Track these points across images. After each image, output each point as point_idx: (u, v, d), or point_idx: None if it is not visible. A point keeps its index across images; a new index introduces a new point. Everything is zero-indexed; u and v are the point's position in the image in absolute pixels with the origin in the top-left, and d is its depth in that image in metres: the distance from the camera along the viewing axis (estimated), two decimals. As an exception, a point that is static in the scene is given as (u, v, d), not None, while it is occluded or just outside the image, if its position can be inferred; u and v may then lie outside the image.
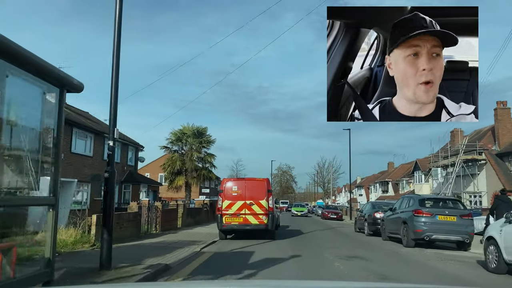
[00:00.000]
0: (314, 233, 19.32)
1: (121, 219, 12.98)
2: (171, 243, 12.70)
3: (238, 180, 15.28)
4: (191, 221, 22.40)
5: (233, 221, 14.33)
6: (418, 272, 8.88)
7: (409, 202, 14.36)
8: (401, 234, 14.18)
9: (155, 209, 16.72)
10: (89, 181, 25.06)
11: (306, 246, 13.06)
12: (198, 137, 26.85)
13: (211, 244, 13.30)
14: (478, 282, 8.04)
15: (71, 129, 22.78)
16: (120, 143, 29.00)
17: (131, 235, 13.77)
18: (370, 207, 19.62)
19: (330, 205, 51.75)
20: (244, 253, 10.96)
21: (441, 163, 33.98)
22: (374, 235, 18.26)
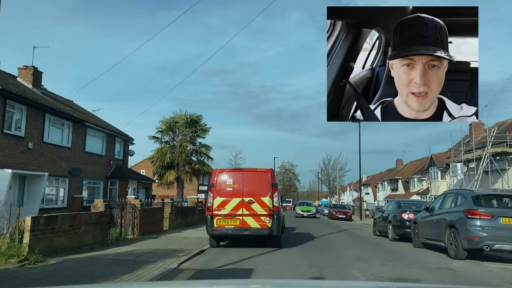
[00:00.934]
0: (327, 238, 16.01)
1: (77, 221, 9.72)
2: (142, 254, 9.44)
3: (234, 172, 11.91)
4: (182, 222, 19.13)
5: (227, 224, 11.03)
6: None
7: (457, 200, 11.03)
8: (445, 241, 10.88)
9: (132, 208, 13.47)
10: (67, 176, 21.83)
11: (324, 259, 9.77)
12: (191, 126, 23.44)
13: (198, 255, 10.04)
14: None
15: (43, 115, 19.52)
16: (105, 134, 25.80)
17: (94, 241, 10.52)
18: (395, 207, 16.29)
19: (337, 204, 47.76)
20: (239, 271, 7.68)
21: (464, 158, 30.57)
22: (401, 240, 15.01)
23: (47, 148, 19.90)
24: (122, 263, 8.17)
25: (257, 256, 9.75)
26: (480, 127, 37.07)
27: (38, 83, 22.84)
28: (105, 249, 10.13)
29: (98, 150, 25.28)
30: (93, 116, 27.69)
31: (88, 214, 10.34)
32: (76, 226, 9.68)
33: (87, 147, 23.79)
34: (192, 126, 23.45)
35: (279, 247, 11.43)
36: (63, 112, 21.20)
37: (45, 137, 19.69)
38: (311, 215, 37.00)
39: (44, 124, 19.66)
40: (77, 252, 9.37)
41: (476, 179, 27.41)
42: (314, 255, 10.38)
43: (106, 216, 11.31)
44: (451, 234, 10.57)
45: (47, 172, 18.85)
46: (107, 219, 11.38)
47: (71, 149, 22.11)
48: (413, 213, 14.85)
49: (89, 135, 24.14)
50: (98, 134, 25.29)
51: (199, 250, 10.54)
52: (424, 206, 13.70)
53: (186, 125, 23.42)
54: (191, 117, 23.56)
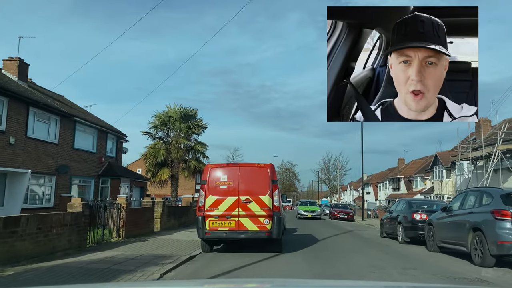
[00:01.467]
0: (332, 241, 14.72)
1: (47, 223, 8.41)
2: (122, 261, 8.15)
3: (228, 167, 10.59)
4: (175, 223, 17.84)
5: (220, 226, 9.73)
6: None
7: (482, 199, 9.74)
8: (468, 246, 9.60)
9: (118, 207, 12.17)
10: (54, 173, 20.51)
11: (332, 267, 8.48)
12: (186, 120, 22.07)
13: (186, 262, 8.75)
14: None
15: (27, 108, 18.19)
16: (96, 130, 24.48)
17: (69, 246, 9.23)
18: (406, 207, 14.99)
19: (339, 204, 46.36)
20: (233, 284, 6.39)
21: (472, 155, 29.27)
22: (412, 243, 13.73)
23: (31, 144, 18.55)
24: (93, 273, 6.87)
25: (255, 263, 8.46)
26: (487, 125, 35.90)
27: (24, 76, 21.54)
28: (81, 255, 8.83)
29: (89, 146, 23.96)
30: (83, 111, 26.36)
31: (61, 215, 9.02)
32: (46, 229, 8.38)
33: (77, 143, 22.46)
34: (187, 121, 22.09)
35: (280, 252, 10.15)
36: (49, 105, 19.83)
37: (29, 131, 18.33)
38: (316, 216, 32.20)
39: (28, 118, 18.30)
40: (46, 259, 8.08)
41: (486, 177, 26.10)
42: (320, 262, 9.08)
43: (84, 217, 10.01)
44: (475, 238, 9.28)
45: (30, 169, 17.57)
46: (86, 220, 10.08)
47: (59, 145, 20.76)
48: (425, 214, 13.58)
49: (79, 130, 22.81)
50: (89, 130, 23.96)
51: (188, 256, 9.25)
52: (441, 206, 12.39)
53: (180, 120, 22.07)
54: (186, 111, 22.21)
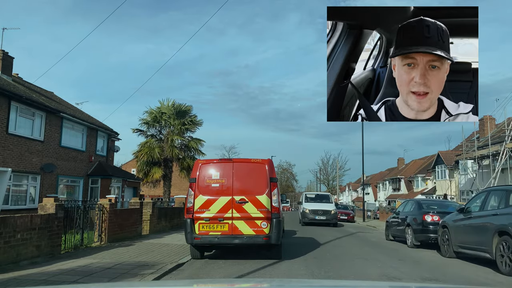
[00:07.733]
0: (335, 245, 13.56)
1: (8, 226, 7.21)
2: (95, 272, 6.96)
3: (221, 163, 9.28)
4: (166, 225, 16.66)
5: (212, 230, 8.55)
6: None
7: (508, 199, 8.59)
8: (492, 252, 8.46)
9: (100, 209, 10.99)
10: (39, 172, 19.30)
11: (338, 277, 7.31)
12: (180, 117, 20.87)
13: (173, 271, 7.57)
14: None
15: (8, 103, 16.98)
16: (85, 127, 23.27)
17: (39, 253, 8.04)
18: (415, 208, 13.84)
19: (339, 204, 45.24)
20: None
21: (478, 154, 28.18)
22: (422, 247, 12.62)
23: (13, 141, 17.34)
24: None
25: (251, 273, 7.30)
26: (492, 123, 34.94)
27: (9, 70, 20.31)
28: (50, 264, 7.64)
29: (77, 144, 22.75)
30: (73, 108, 25.14)
31: (28, 217, 7.83)
32: (7, 234, 7.19)
33: (64, 141, 21.24)
34: (181, 118, 20.90)
35: (280, 259, 8.99)
36: (34, 100, 18.60)
37: (10, 127, 17.11)
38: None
39: (9, 113, 17.08)
40: (6, 270, 6.89)
41: (493, 176, 25.00)
42: (325, 271, 7.89)
43: (58, 220, 8.83)
44: (502, 243, 8.14)
45: (11, 167, 16.34)
46: (59, 223, 8.90)
47: (44, 143, 19.54)
48: (437, 215, 12.46)
49: (66, 127, 21.60)
50: (77, 127, 22.75)
51: (175, 264, 8.07)
52: (456, 207, 11.26)
53: (174, 116, 20.87)
54: (179, 108, 21.01)
